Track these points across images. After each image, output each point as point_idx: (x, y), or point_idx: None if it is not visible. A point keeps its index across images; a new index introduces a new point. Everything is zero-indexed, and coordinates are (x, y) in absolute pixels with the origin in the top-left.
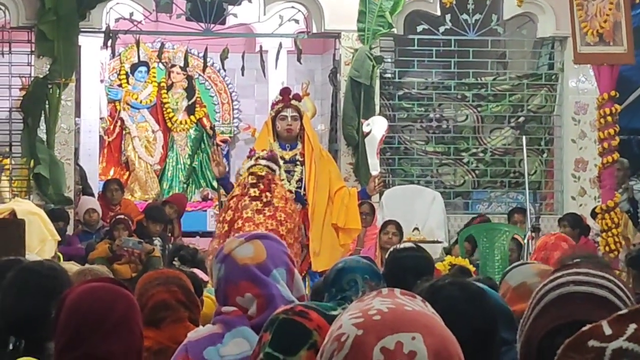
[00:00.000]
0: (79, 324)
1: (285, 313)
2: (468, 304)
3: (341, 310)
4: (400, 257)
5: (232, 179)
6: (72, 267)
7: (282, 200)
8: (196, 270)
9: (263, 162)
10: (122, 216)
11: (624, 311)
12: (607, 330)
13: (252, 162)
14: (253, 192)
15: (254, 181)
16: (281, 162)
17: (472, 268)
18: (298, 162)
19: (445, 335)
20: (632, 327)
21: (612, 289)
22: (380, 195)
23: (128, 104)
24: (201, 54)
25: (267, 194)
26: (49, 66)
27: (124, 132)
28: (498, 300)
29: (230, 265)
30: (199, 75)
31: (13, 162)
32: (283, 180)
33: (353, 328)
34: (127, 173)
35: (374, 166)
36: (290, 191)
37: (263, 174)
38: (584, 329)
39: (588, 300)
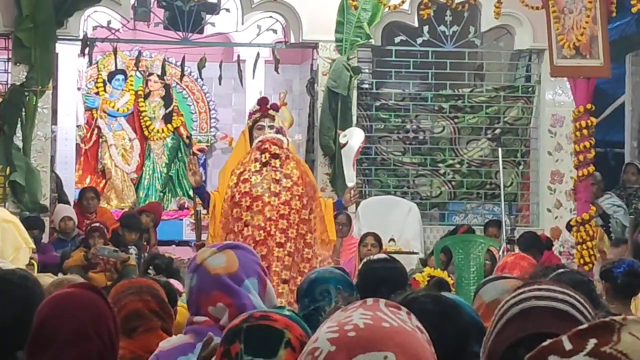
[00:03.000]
0: (39, 333)
1: (246, 321)
2: (441, 317)
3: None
4: (373, 268)
5: (209, 188)
6: (47, 279)
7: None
8: (172, 280)
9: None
10: (98, 224)
11: (584, 326)
12: (567, 346)
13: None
14: (263, 157)
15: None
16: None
17: (450, 280)
18: None
19: (421, 354)
20: (592, 342)
21: (573, 304)
22: (357, 205)
23: (105, 112)
24: (179, 63)
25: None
26: (26, 73)
27: (100, 140)
28: (471, 314)
29: (202, 274)
30: (177, 83)
31: None
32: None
33: (327, 343)
34: (104, 181)
35: (350, 177)
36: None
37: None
38: (544, 344)
39: (549, 313)
